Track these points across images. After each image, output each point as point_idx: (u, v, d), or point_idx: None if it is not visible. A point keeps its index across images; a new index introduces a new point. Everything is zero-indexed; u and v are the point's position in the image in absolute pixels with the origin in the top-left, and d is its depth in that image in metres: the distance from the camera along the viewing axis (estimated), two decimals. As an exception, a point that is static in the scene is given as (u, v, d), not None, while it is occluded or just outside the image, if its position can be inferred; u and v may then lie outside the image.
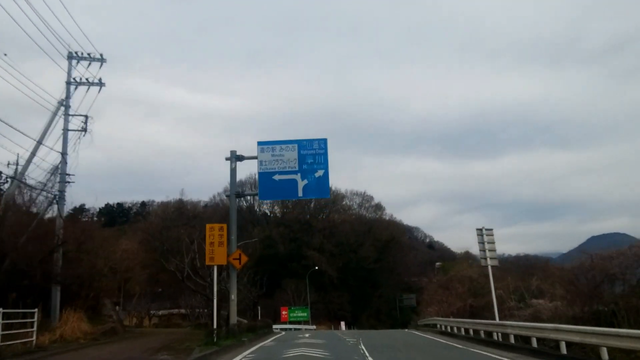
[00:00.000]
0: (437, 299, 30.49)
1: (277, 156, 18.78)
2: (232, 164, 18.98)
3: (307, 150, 18.80)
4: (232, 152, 19.08)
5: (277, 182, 18.54)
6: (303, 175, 18.51)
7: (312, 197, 19.51)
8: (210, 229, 15.80)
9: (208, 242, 15.60)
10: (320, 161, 18.73)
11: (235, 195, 18.71)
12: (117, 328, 24.94)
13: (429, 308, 40.33)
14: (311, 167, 18.61)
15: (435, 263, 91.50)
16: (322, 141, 18.95)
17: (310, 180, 18.45)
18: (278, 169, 18.63)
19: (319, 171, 18.60)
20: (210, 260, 15.56)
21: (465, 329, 19.30)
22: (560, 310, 22.77)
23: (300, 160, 18.65)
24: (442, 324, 23.82)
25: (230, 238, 18.29)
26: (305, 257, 63.21)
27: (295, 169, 18.56)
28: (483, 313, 26.69)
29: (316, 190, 18.43)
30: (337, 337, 21.82)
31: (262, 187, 18.57)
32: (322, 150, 18.84)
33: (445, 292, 31.58)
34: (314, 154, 18.78)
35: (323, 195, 18.59)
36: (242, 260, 17.69)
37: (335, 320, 61.29)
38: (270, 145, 18.97)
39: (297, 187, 18.40)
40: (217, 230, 15.73)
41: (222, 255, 15.69)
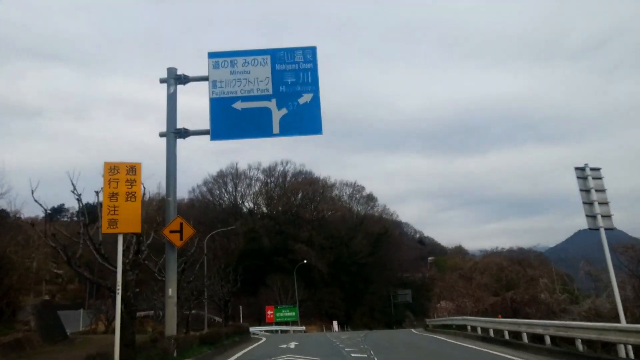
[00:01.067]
0: (457, 293, 24.25)
1: (240, 74, 12.14)
2: (170, 88, 12.32)
3: (285, 64, 12.18)
4: (170, 71, 12.43)
5: (240, 113, 11.91)
6: (280, 102, 11.90)
7: (294, 135, 12.19)
8: (111, 169, 9.04)
9: (107, 192, 8.91)
10: (306, 80, 12.13)
11: (174, 134, 12.06)
12: (31, 339, 18.11)
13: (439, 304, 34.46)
14: (292, 89, 12.00)
15: (428, 258, 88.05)
16: (309, 50, 12.32)
17: (292, 109, 11.85)
18: (241, 93, 11.99)
19: (305, 95, 12.01)
20: (111, 224, 8.86)
21: (535, 335, 12.64)
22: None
23: (276, 79, 12.04)
24: (482, 326, 17.25)
25: (167, 199, 11.65)
26: (292, 250, 58.32)
27: (267, 93, 11.95)
28: (525, 310, 20.49)
29: (301, 124, 11.86)
30: (336, 349, 15.28)
31: (216, 121, 11.93)
32: (309, 64, 12.24)
33: (467, 284, 25.16)
34: (296, 69, 12.16)
35: (311, 131, 11.95)
36: (184, 233, 11.05)
37: (327, 319, 56.23)
38: (229, 58, 12.32)
39: (271, 120, 11.79)
40: (125, 173, 9.06)
41: (133, 216, 8.95)
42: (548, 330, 11.40)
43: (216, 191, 71.51)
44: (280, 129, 11.78)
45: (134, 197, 8.95)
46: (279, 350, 14.66)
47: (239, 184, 71.60)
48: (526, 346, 12.19)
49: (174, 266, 11.26)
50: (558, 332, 10.91)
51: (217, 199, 71.36)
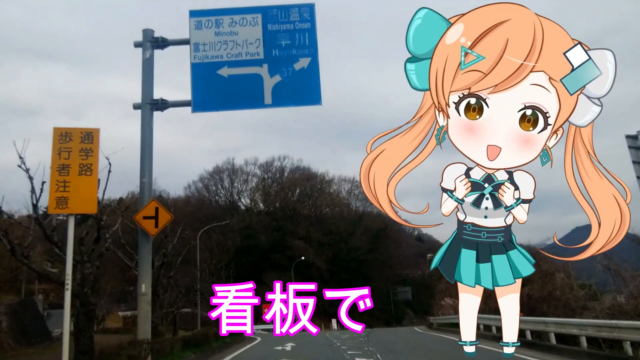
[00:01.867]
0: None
1: (226, 35, 10.46)
2: (146, 52, 10.65)
3: (279, 24, 10.51)
4: (146, 33, 10.76)
5: (227, 80, 10.23)
6: (273, 68, 10.22)
7: (289, 105, 10.48)
8: (61, 136, 7.19)
9: (55, 164, 7.16)
10: (303, 43, 10.46)
11: (150, 106, 10.39)
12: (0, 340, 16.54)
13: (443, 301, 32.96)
14: (287, 52, 10.33)
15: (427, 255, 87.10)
16: (306, 7, 10.63)
17: (287, 75, 10.18)
18: (228, 57, 10.32)
19: (302, 60, 10.34)
20: (60, 204, 7.11)
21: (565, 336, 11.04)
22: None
23: (268, 41, 10.36)
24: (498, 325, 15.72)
25: (142, 180, 9.99)
26: (290, 247, 57.00)
27: (258, 57, 10.27)
28: (541, 307, 18.94)
29: (297, 92, 10.20)
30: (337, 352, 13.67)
31: (198, 89, 10.26)
32: (306, 24, 10.57)
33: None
34: (291, 30, 10.48)
35: (309, 101, 10.26)
36: (160, 219, 9.38)
37: (326, 317, 55.12)
38: (214, 17, 10.64)
39: (263, 88, 10.12)
40: (78, 141, 7.30)
41: (88, 194, 7.16)
42: (585, 330, 9.84)
43: (212, 187, 69.88)
44: (273, 99, 10.09)
45: (90, 171, 7.24)
46: (272, 354, 13.07)
47: (236, 180, 70.03)
48: (559, 349, 10.62)
49: (149, 259, 9.61)
50: (600, 332, 9.34)
51: (213, 195, 69.76)
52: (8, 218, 10.08)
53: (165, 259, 13.66)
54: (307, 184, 69.85)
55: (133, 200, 31.50)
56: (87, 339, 7.77)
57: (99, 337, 12.09)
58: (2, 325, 17.60)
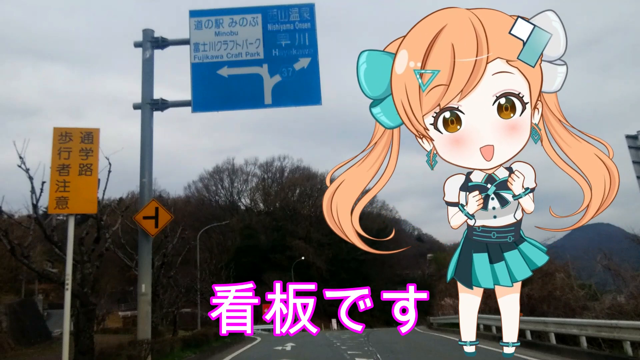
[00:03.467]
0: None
1: (226, 35, 10.46)
2: (146, 52, 10.66)
3: (279, 24, 10.53)
4: (146, 33, 10.76)
5: (227, 80, 10.24)
6: (273, 68, 10.23)
7: (289, 105, 10.49)
8: (61, 136, 7.17)
9: (55, 164, 7.19)
10: (303, 43, 10.47)
11: (150, 106, 10.40)
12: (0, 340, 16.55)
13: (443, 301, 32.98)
14: (287, 52, 10.34)
15: (427, 255, 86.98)
16: (306, 8, 10.65)
17: (287, 75, 10.18)
18: (227, 57, 10.32)
19: (302, 60, 10.35)
20: (60, 204, 7.13)
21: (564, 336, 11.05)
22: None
23: (268, 41, 10.37)
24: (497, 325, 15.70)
25: (142, 180, 10.00)
26: (290, 247, 57.12)
27: (258, 57, 10.28)
28: (541, 307, 18.94)
29: (297, 92, 10.20)
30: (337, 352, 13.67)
31: (198, 89, 10.26)
32: (306, 24, 10.58)
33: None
34: (291, 30, 10.49)
35: (309, 101, 10.26)
36: (160, 219, 9.38)
37: (326, 317, 55.20)
38: (214, 17, 10.65)
39: (263, 88, 10.12)
40: (78, 141, 7.33)
41: (88, 193, 7.19)
42: (585, 330, 9.84)
43: (212, 187, 69.85)
44: (273, 99, 10.10)
45: (90, 171, 7.23)
46: (272, 354, 13.06)
47: (236, 180, 70.00)
48: (559, 349, 10.62)
49: (149, 259, 9.61)
50: (600, 332, 9.35)
51: (213, 195, 69.74)
52: (8, 218, 10.08)
53: (165, 259, 13.66)
54: (307, 184, 69.80)
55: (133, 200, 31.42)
56: (87, 339, 7.76)
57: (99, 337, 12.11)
58: (2, 325, 17.61)
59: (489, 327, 16.56)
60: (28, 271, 21.55)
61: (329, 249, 60.31)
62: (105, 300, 32.04)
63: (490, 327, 16.48)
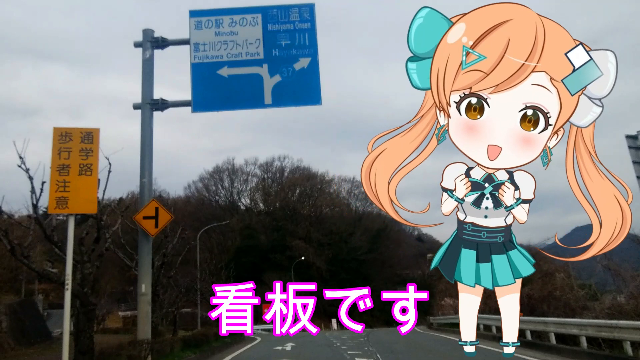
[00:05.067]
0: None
1: (226, 35, 10.46)
2: (146, 52, 10.66)
3: (279, 24, 10.53)
4: (146, 33, 10.77)
5: (227, 80, 10.24)
6: (273, 68, 10.23)
7: (289, 105, 10.48)
8: (61, 136, 7.18)
9: (55, 164, 7.20)
10: (303, 43, 10.48)
11: (150, 106, 10.40)
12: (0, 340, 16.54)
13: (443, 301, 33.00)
14: (287, 52, 10.34)
15: (427, 255, 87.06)
16: (306, 8, 10.66)
17: (287, 75, 10.19)
18: (227, 57, 10.32)
19: (302, 60, 10.36)
20: (60, 204, 7.13)
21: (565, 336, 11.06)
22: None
23: (268, 41, 10.37)
24: (497, 325, 15.69)
25: (142, 180, 9.99)
26: (290, 247, 57.02)
27: (258, 57, 10.29)
28: (541, 307, 18.93)
29: (297, 92, 10.21)
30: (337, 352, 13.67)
31: (198, 89, 10.26)
32: (306, 24, 10.58)
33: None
34: (291, 30, 10.50)
35: (309, 101, 10.27)
36: (160, 219, 9.39)
37: (326, 317, 55.25)
38: (214, 17, 10.66)
39: (263, 88, 10.13)
40: (78, 141, 7.34)
41: (88, 193, 7.21)
42: (585, 330, 9.84)
43: (212, 187, 69.84)
44: (273, 99, 10.10)
45: (90, 171, 7.23)
46: (273, 354, 13.06)
47: (236, 180, 70.00)
48: (559, 349, 10.62)
49: (149, 259, 9.61)
50: (600, 332, 9.36)
51: (213, 195, 69.73)
52: (8, 218, 10.08)
53: (165, 259, 13.67)
54: (307, 184, 69.78)
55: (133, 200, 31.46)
56: (87, 339, 7.76)
57: (99, 337, 12.12)
58: (2, 325, 17.60)
59: (489, 327, 16.57)
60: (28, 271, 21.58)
61: (329, 249, 60.33)
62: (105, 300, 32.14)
63: (490, 327, 16.49)
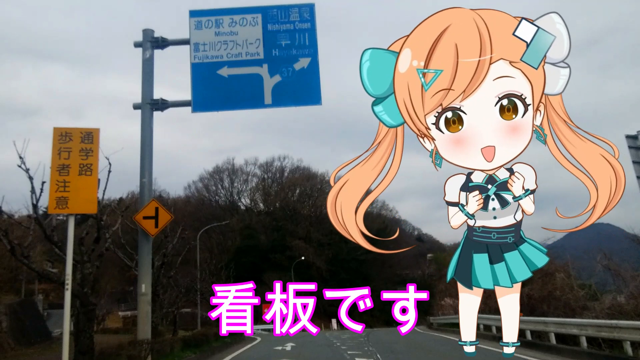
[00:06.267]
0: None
1: (226, 35, 10.47)
2: (146, 52, 10.66)
3: (279, 24, 10.54)
4: (146, 33, 10.77)
5: (227, 80, 10.25)
6: (273, 68, 10.24)
7: (289, 105, 10.47)
8: (61, 136, 7.21)
9: (55, 164, 7.21)
10: (303, 43, 10.48)
11: (150, 106, 10.40)
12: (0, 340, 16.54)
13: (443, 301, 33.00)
14: (287, 52, 10.35)
15: (427, 255, 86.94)
16: (306, 8, 10.67)
17: (287, 75, 10.19)
18: (227, 57, 10.33)
19: (302, 60, 10.36)
20: (60, 204, 7.14)
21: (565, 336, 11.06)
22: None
23: (268, 41, 10.38)
24: (498, 325, 15.71)
25: (142, 180, 10.00)
26: (290, 247, 57.09)
27: (258, 57, 10.29)
28: (541, 307, 18.93)
29: (297, 92, 10.21)
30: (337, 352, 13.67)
31: (198, 89, 10.27)
32: (306, 24, 10.59)
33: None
34: (291, 30, 10.50)
35: (309, 101, 10.27)
36: (160, 219, 9.40)
37: (326, 317, 55.29)
38: (214, 17, 10.67)
39: (263, 88, 10.14)
40: (78, 141, 7.36)
41: (88, 193, 7.21)
42: (585, 330, 9.85)
43: (212, 187, 69.84)
44: (273, 99, 10.11)
45: (90, 171, 7.24)
46: (272, 354, 13.06)
47: (236, 180, 70.00)
48: (559, 349, 10.63)
49: (149, 259, 9.62)
50: (600, 332, 9.36)
51: (213, 195, 69.74)
52: (8, 218, 10.09)
53: (165, 259, 13.67)
54: (307, 184, 69.77)
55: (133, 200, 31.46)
56: (87, 339, 7.77)
57: (99, 337, 12.13)
58: (2, 325, 17.61)
59: (489, 327, 16.57)
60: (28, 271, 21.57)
61: (329, 249, 60.33)
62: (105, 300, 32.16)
63: (490, 327, 16.49)
